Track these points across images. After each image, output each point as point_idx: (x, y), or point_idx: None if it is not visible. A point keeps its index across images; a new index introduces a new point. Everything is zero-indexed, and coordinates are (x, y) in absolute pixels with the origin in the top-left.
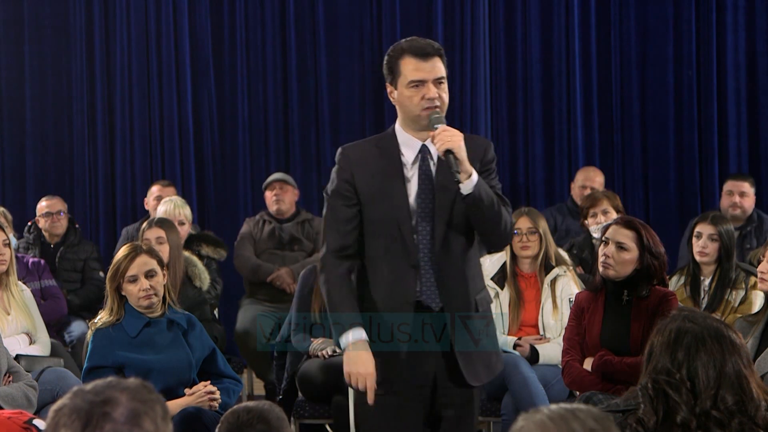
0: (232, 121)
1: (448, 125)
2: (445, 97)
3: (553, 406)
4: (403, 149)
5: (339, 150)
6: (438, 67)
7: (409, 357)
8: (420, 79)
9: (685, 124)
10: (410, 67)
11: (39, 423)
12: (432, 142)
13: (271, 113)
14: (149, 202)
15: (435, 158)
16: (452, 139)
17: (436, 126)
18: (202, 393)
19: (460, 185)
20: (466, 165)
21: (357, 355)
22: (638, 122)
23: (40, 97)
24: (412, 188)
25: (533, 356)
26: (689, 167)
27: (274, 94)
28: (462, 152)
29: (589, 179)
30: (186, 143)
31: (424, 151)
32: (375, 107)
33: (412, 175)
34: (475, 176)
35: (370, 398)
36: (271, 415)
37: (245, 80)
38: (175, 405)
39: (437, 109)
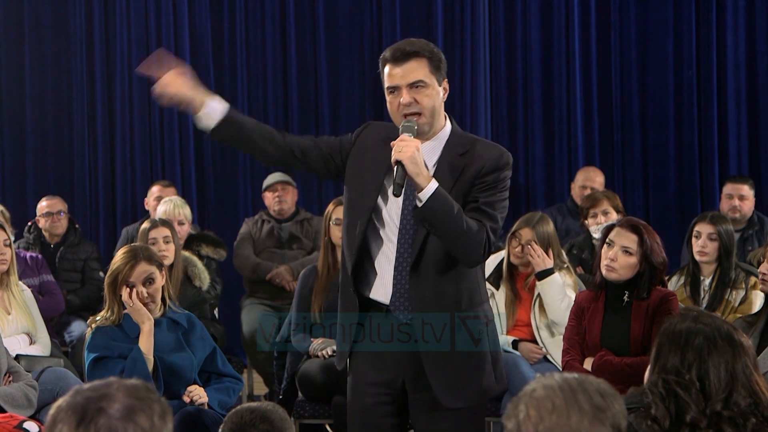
0: None
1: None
2: (426, 101)
3: (566, 375)
4: None
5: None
6: (412, 71)
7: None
8: (392, 86)
9: (685, 124)
10: (386, 73)
11: (30, 426)
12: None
13: (271, 113)
14: (149, 202)
15: (432, 163)
16: (403, 150)
17: (404, 134)
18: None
19: (418, 197)
20: (419, 179)
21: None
22: (638, 122)
23: (40, 97)
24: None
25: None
26: (689, 167)
27: (274, 94)
28: (414, 166)
29: (589, 179)
30: (186, 143)
31: None
32: (375, 107)
33: None
34: (428, 191)
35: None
36: (274, 416)
37: (245, 80)
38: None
39: (414, 116)
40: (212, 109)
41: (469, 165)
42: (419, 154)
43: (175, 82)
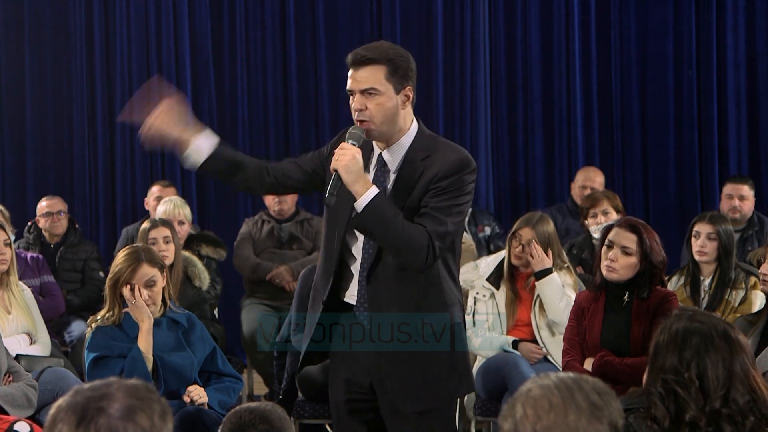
0: (232, 121)
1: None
2: (377, 109)
3: (562, 374)
4: (371, 154)
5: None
6: (366, 77)
7: None
8: (348, 89)
9: (685, 124)
10: (348, 75)
11: (20, 426)
12: None
13: (271, 113)
14: (149, 202)
15: (394, 169)
16: (339, 158)
17: (348, 140)
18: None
19: (355, 206)
20: (355, 187)
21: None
22: (638, 122)
23: (40, 97)
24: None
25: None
26: (689, 167)
27: (274, 94)
28: (348, 174)
29: (589, 179)
30: None
31: (380, 162)
32: None
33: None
34: (363, 200)
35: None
36: (273, 416)
37: (245, 80)
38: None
39: (364, 123)
40: (198, 147)
41: (426, 170)
42: (355, 162)
43: (159, 122)
